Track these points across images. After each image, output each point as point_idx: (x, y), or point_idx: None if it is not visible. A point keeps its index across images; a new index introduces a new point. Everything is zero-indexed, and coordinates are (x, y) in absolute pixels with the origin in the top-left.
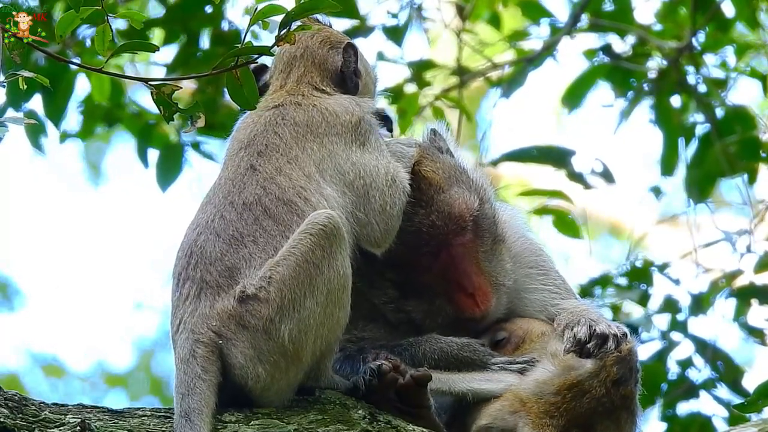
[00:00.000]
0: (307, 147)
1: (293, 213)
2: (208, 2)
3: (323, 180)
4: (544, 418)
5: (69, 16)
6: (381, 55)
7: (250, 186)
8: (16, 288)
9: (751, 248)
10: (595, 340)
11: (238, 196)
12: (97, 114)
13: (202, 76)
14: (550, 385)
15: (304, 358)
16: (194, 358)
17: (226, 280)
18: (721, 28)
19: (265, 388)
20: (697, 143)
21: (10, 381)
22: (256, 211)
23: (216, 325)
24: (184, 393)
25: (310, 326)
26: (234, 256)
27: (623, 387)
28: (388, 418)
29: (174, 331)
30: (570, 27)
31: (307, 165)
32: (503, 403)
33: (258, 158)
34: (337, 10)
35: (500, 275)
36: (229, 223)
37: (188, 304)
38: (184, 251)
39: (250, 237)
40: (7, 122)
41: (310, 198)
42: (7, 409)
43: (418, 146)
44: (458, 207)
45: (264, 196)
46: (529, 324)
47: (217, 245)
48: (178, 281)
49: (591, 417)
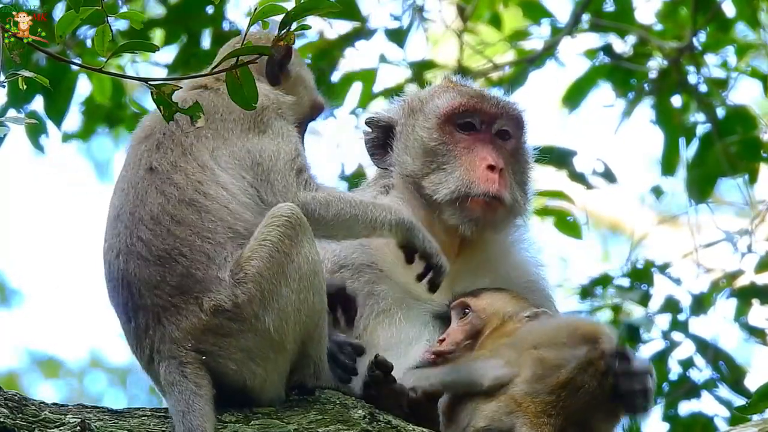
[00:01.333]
0: (201, 134)
1: (198, 211)
2: (209, 2)
3: (218, 167)
4: (542, 417)
5: (69, 16)
6: (383, 57)
7: (152, 194)
8: (13, 288)
9: (752, 248)
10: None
11: (144, 210)
12: (98, 114)
13: (201, 76)
14: (543, 384)
15: (288, 346)
16: (185, 377)
17: (179, 298)
18: (721, 28)
19: (262, 383)
20: (698, 143)
21: (8, 380)
22: (165, 222)
23: (193, 344)
24: (184, 410)
25: (288, 313)
26: (173, 274)
27: (612, 375)
28: (388, 418)
29: (146, 362)
30: (571, 27)
31: (201, 154)
32: (498, 404)
33: (156, 153)
34: (338, 10)
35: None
36: (148, 243)
37: (152, 333)
38: (118, 281)
39: (175, 251)
40: (8, 122)
41: (208, 191)
42: (7, 409)
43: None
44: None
45: (166, 204)
46: (498, 301)
47: (151, 269)
48: (127, 313)
49: (587, 411)
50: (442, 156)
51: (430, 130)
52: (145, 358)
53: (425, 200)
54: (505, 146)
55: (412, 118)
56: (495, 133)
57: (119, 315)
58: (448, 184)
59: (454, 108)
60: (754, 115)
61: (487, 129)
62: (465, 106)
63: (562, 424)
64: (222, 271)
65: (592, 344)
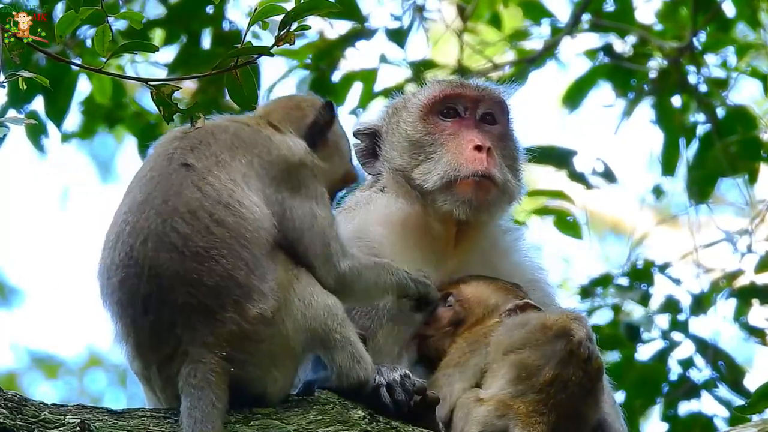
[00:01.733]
0: (237, 157)
1: (235, 215)
2: (209, 2)
3: (247, 188)
4: (534, 416)
5: (69, 16)
6: (383, 57)
7: (188, 187)
8: (14, 286)
9: (752, 248)
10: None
11: (179, 201)
12: (99, 114)
13: (201, 77)
14: (529, 385)
15: (298, 351)
16: (208, 385)
17: (215, 301)
18: (721, 28)
19: (280, 389)
20: (698, 143)
21: (8, 379)
22: (204, 219)
23: (227, 353)
24: (197, 419)
25: (298, 319)
26: (212, 275)
27: (594, 360)
28: (387, 418)
29: (161, 358)
30: (571, 27)
31: (233, 172)
32: (488, 408)
33: (191, 153)
34: (338, 10)
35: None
36: (185, 237)
37: (180, 333)
38: (142, 268)
39: (215, 251)
40: (8, 122)
41: (243, 200)
42: (7, 409)
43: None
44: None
45: (204, 201)
46: (484, 291)
47: (187, 264)
48: (145, 304)
49: (577, 402)
50: (428, 146)
51: (414, 122)
52: (159, 356)
53: (418, 192)
54: (492, 131)
55: (396, 117)
56: (480, 118)
57: (129, 303)
58: (437, 170)
59: (435, 97)
60: (754, 115)
61: (471, 114)
62: (445, 92)
63: (556, 421)
64: (262, 283)
65: (567, 337)
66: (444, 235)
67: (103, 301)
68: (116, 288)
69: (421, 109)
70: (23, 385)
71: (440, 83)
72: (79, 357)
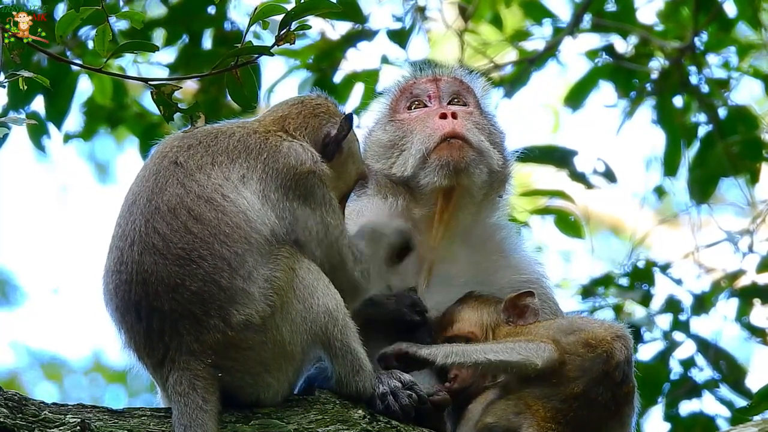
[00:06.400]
0: (238, 161)
1: (215, 209)
2: (210, 2)
3: (243, 186)
4: (550, 423)
5: (69, 16)
6: (385, 58)
7: (172, 184)
8: (15, 286)
9: (753, 248)
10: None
11: (161, 198)
12: (99, 115)
13: (201, 77)
14: (557, 391)
15: (297, 355)
16: (194, 390)
17: (199, 306)
18: (723, 29)
19: (274, 395)
20: (700, 143)
21: (9, 379)
22: (182, 216)
23: (212, 360)
24: (186, 425)
25: (297, 323)
26: (194, 278)
27: (626, 385)
28: (387, 418)
29: (154, 364)
30: (572, 27)
31: (230, 172)
32: (508, 402)
33: (185, 151)
34: (338, 10)
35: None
36: (165, 238)
37: (168, 340)
38: (131, 275)
39: (195, 252)
40: (9, 123)
41: (228, 194)
42: (7, 409)
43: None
44: None
45: (185, 196)
46: (473, 314)
47: (170, 268)
48: (138, 311)
49: (598, 422)
50: (400, 140)
51: (384, 126)
52: (153, 360)
53: (402, 186)
54: (461, 110)
55: (370, 135)
56: (448, 102)
57: (125, 309)
58: (411, 153)
59: (394, 94)
60: (755, 115)
61: (436, 102)
62: (401, 86)
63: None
64: (248, 284)
65: (607, 357)
66: (431, 220)
67: (105, 307)
68: (113, 294)
69: (387, 113)
70: (24, 385)
71: (398, 83)
72: (81, 361)
